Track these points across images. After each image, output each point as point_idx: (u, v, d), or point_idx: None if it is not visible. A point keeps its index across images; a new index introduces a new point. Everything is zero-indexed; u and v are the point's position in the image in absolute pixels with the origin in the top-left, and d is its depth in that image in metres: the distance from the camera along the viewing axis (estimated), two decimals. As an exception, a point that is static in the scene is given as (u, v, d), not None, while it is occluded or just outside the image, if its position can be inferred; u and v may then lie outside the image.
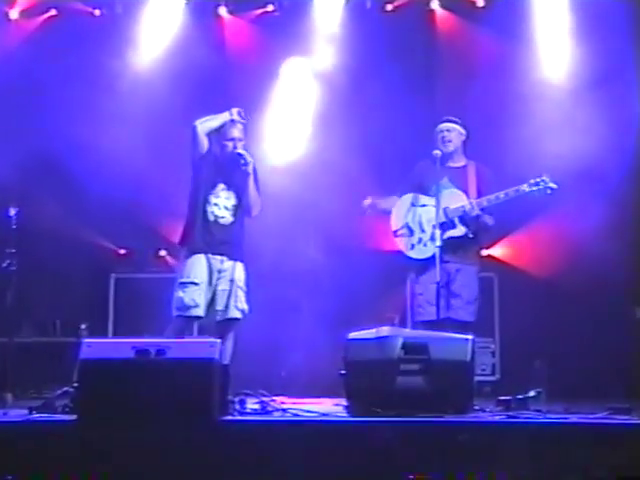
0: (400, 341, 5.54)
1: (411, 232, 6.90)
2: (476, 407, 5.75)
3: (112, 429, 4.99)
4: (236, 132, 6.78)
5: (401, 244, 6.94)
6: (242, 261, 6.74)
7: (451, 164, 6.96)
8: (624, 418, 5.31)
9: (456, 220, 6.74)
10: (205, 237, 6.68)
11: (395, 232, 6.98)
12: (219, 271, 6.66)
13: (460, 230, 6.73)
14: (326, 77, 9.16)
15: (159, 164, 8.92)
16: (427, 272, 6.71)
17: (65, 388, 5.64)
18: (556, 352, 8.36)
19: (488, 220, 6.88)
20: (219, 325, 6.65)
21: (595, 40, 8.51)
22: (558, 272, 8.62)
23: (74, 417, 5.17)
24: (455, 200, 6.77)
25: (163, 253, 9.45)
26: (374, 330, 5.67)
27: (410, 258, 6.91)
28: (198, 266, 6.62)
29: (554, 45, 8.88)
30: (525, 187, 6.68)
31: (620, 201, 8.38)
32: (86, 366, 5.18)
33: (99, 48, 9.03)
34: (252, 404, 5.87)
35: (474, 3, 9.13)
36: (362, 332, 5.69)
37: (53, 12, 9.42)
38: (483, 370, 8.37)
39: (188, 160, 6.81)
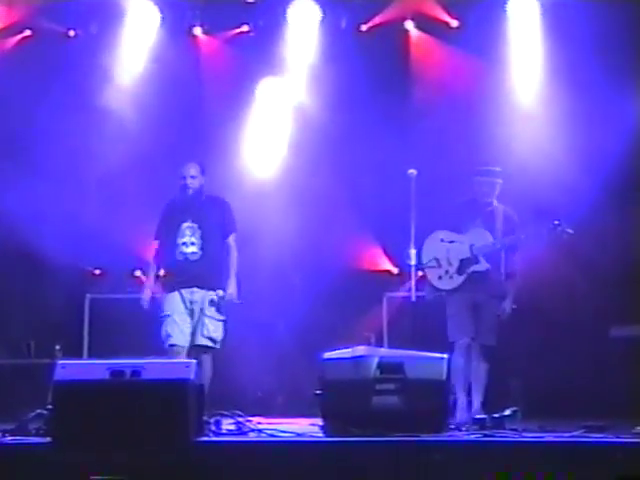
0: (376, 361, 5.55)
1: (439, 265, 7.29)
2: (452, 426, 5.77)
3: (87, 451, 4.95)
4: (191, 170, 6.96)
5: (429, 275, 7.36)
6: (220, 289, 6.84)
7: (487, 208, 7.37)
8: (599, 436, 5.33)
9: (480, 257, 7.18)
10: (177, 275, 6.97)
11: (422, 264, 7.33)
12: (191, 302, 6.89)
13: (483, 265, 7.17)
14: (300, 97, 9.20)
15: (133, 184, 8.91)
16: (455, 298, 7.20)
17: (39, 410, 5.59)
18: (532, 371, 8.39)
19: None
20: (191, 349, 6.83)
21: (568, 60, 8.59)
22: (533, 292, 8.64)
23: (48, 439, 5.13)
24: (482, 239, 7.21)
25: (138, 273, 9.39)
26: (350, 350, 5.68)
27: (437, 288, 7.31)
28: (172, 301, 6.91)
29: (527, 64, 8.97)
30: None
31: (593, 222, 8.42)
32: (60, 388, 5.13)
33: (73, 69, 9.01)
34: (228, 425, 5.84)
35: (448, 24, 9.20)
36: (338, 352, 5.70)
37: (28, 33, 9.41)
38: (459, 389, 8.36)
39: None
